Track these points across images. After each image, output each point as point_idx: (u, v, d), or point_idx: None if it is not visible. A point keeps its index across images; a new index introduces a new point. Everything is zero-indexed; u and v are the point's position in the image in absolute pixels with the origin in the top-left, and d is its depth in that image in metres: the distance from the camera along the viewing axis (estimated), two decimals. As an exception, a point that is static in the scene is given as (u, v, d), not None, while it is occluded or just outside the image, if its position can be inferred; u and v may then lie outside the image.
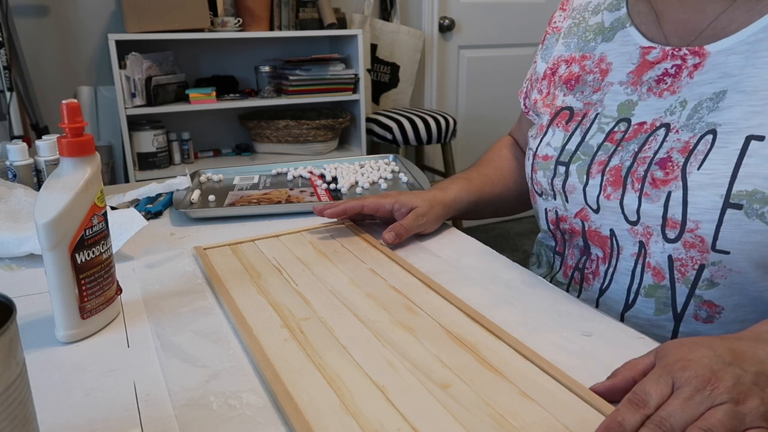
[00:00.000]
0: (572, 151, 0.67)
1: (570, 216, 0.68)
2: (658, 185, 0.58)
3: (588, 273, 0.69)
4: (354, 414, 0.43)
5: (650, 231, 0.60)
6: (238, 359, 0.51)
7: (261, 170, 1.12)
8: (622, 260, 0.64)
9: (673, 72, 0.62)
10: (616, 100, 0.66)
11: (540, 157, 0.71)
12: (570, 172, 0.66)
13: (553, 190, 0.69)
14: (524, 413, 0.43)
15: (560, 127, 0.70)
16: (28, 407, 0.35)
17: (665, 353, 0.43)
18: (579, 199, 0.66)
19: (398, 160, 1.16)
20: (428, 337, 0.53)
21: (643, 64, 0.65)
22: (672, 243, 0.58)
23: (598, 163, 0.64)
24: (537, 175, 0.71)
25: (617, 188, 0.62)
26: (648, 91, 0.63)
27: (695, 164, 0.56)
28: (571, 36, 0.74)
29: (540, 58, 0.79)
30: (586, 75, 0.70)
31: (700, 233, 0.56)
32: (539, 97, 0.77)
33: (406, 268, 0.67)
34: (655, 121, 0.61)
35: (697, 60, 0.60)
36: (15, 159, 0.91)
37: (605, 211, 0.64)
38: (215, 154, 2.43)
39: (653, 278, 0.61)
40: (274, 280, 0.65)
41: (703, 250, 0.56)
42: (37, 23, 2.14)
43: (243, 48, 2.42)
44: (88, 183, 0.54)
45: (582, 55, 0.72)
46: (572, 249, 0.71)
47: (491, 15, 2.88)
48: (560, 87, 0.73)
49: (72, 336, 0.54)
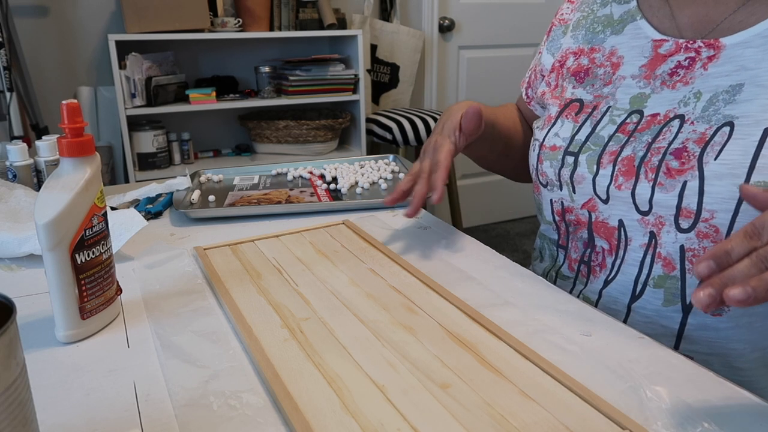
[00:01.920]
0: (582, 142, 0.67)
1: (576, 207, 0.68)
2: (673, 175, 0.58)
3: (594, 265, 0.68)
4: (354, 414, 0.43)
5: (662, 221, 0.60)
6: (238, 359, 0.51)
7: (261, 170, 1.12)
8: (631, 251, 0.64)
9: (686, 64, 0.62)
10: (628, 93, 0.66)
11: (547, 148, 0.70)
12: (579, 163, 0.66)
13: (560, 180, 0.69)
14: (524, 413, 0.43)
15: (569, 118, 0.70)
16: (28, 407, 0.35)
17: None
18: (587, 190, 0.66)
19: (398, 160, 1.16)
20: (428, 337, 0.53)
21: (655, 57, 0.65)
22: (685, 233, 0.58)
23: (609, 153, 0.64)
24: (543, 166, 0.71)
25: (629, 178, 0.62)
26: (662, 84, 0.63)
27: (712, 155, 0.56)
28: (579, 29, 0.74)
29: (546, 50, 0.79)
30: (596, 68, 0.70)
31: (715, 223, 0.56)
32: (547, 89, 0.77)
33: (406, 268, 0.67)
34: (668, 113, 0.62)
35: (712, 52, 0.60)
36: (15, 159, 0.91)
37: (615, 201, 0.63)
38: (215, 155, 2.43)
39: (663, 269, 0.61)
40: (274, 280, 0.65)
41: (717, 240, 0.56)
42: (37, 23, 2.14)
43: (243, 48, 2.42)
44: (88, 183, 0.54)
45: (591, 47, 0.72)
46: (576, 242, 0.71)
47: (491, 15, 2.88)
48: (569, 79, 0.73)
49: (72, 336, 0.54)
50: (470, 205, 3.03)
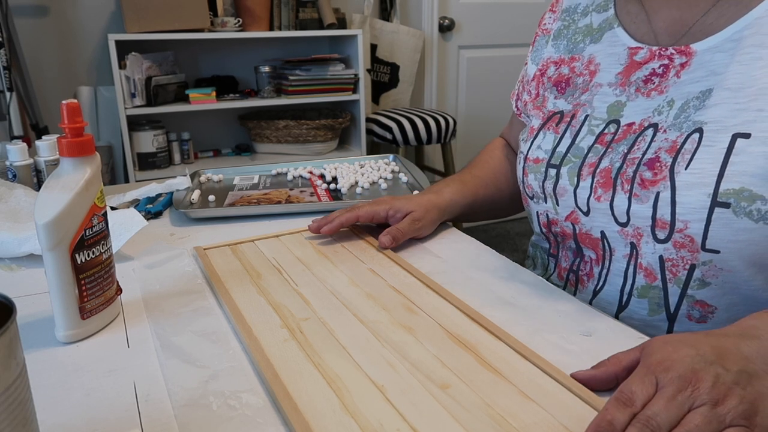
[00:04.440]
0: (563, 154, 0.67)
1: (561, 219, 0.68)
2: (646, 186, 0.58)
3: (582, 275, 0.69)
4: (353, 414, 0.43)
5: (640, 232, 0.60)
6: (237, 359, 0.51)
7: (261, 170, 1.12)
8: (615, 261, 0.64)
9: (660, 72, 0.62)
10: (605, 101, 0.66)
11: (531, 160, 0.71)
12: (561, 175, 0.66)
13: (544, 193, 0.69)
14: (524, 414, 0.43)
15: (551, 129, 0.70)
16: (28, 407, 0.35)
17: (650, 351, 0.43)
18: (569, 202, 0.66)
19: (398, 160, 1.16)
20: (428, 337, 0.53)
21: (630, 64, 0.65)
22: (662, 243, 0.58)
23: (589, 165, 0.64)
24: (528, 179, 0.71)
25: (607, 190, 0.62)
26: (636, 91, 0.63)
27: (683, 164, 0.56)
28: (560, 38, 0.74)
29: (530, 60, 0.79)
30: (576, 77, 0.70)
31: (689, 233, 0.56)
32: (529, 98, 0.77)
33: (406, 268, 0.67)
34: (643, 122, 0.62)
35: (684, 59, 0.60)
36: (15, 159, 0.91)
37: (595, 213, 0.64)
38: (215, 154, 2.43)
39: (645, 279, 0.61)
40: (274, 280, 0.65)
41: (693, 250, 0.56)
42: (37, 23, 2.14)
43: (243, 48, 2.42)
44: (88, 183, 0.54)
45: (571, 56, 0.72)
46: (565, 251, 0.71)
47: (491, 15, 2.88)
48: (550, 89, 0.73)
49: (72, 336, 0.54)
50: (470, 205, 3.03)
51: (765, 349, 0.42)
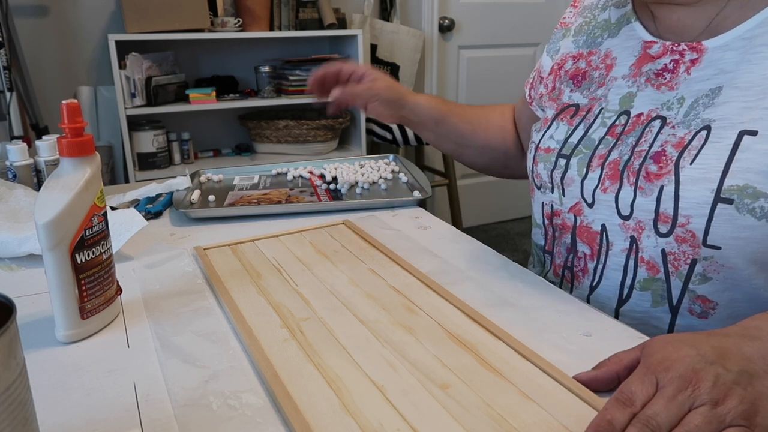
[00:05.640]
0: (574, 144, 0.68)
1: (564, 210, 0.69)
2: (651, 179, 0.59)
3: (577, 271, 0.69)
4: (353, 414, 0.43)
5: (642, 225, 0.60)
6: (237, 359, 0.51)
7: (261, 170, 1.12)
8: (612, 256, 0.64)
9: (671, 67, 0.62)
10: (618, 93, 0.66)
11: (542, 150, 0.71)
12: (570, 165, 0.67)
13: (552, 182, 0.69)
14: (524, 413, 0.43)
15: (564, 121, 0.71)
16: (28, 407, 0.35)
17: (651, 351, 0.43)
18: (575, 193, 0.66)
19: (398, 160, 1.16)
20: (428, 337, 0.53)
21: (643, 56, 0.65)
22: (664, 237, 0.58)
23: (599, 156, 0.65)
24: (537, 167, 0.72)
25: (615, 182, 0.62)
26: (646, 81, 0.64)
27: (688, 159, 0.57)
28: (581, 34, 0.75)
29: (546, 52, 0.81)
30: (592, 71, 0.71)
31: (691, 228, 0.56)
32: (545, 91, 0.78)
33: (406, 268, 0.67)
34: (651, 112, 0.62)
35: (695, 56, 0.61)
36: (15, 159, 0.91)
37: (599, 205, 0.64)
38: (215, 154, 2.43)
39: (648, 272, 0.61)
40: (274, 280, 0.65)
41: (695, 245, 0.56)
42: (37, 23, 2.14)
43: (243, 48, 2.42)
44: (88, 183, 0.54)
45: (589, 51, 0.73)
46: (560, 247, 0.72)
47: (491, 15, 2.88)
48: (566, 83, 0.74)
49: (72, 336, 0.54)
50: (470, 205, 3.03)
51: (766, 350, 0.42)
